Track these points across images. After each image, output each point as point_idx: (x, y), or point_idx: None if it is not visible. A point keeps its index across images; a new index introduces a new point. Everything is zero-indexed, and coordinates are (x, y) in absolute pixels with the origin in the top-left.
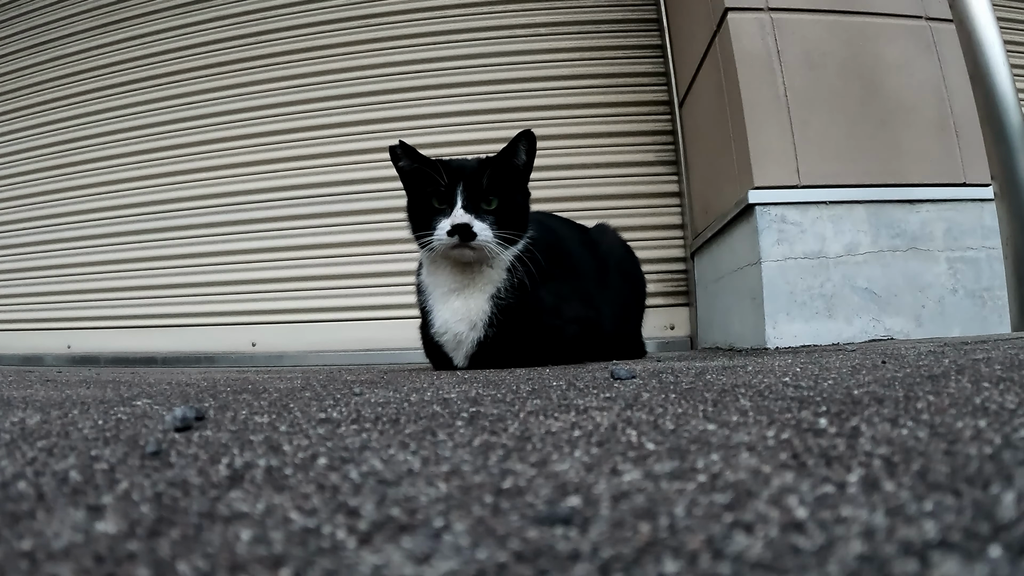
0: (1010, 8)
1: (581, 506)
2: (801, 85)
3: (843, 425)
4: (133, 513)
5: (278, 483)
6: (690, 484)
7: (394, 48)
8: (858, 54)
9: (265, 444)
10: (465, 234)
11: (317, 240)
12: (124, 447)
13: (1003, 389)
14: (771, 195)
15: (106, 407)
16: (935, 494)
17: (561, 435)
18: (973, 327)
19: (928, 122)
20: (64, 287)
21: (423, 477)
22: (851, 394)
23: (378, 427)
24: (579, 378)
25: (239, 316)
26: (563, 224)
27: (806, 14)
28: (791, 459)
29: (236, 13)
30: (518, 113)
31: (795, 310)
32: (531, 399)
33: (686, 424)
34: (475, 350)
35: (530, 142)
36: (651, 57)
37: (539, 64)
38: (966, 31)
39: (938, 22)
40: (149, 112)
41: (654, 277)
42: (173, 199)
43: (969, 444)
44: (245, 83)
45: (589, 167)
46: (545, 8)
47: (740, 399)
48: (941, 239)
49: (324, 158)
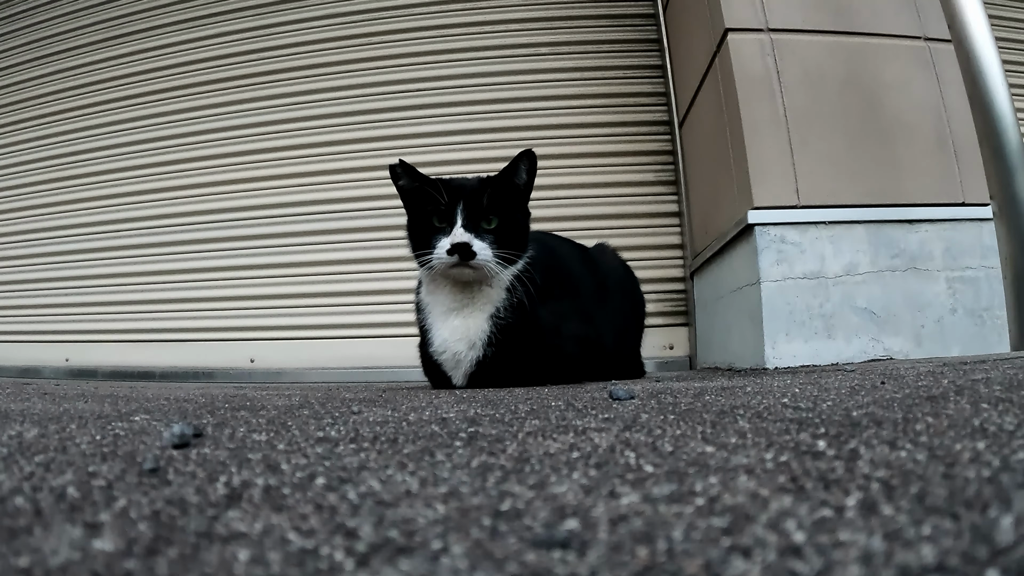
0: (1008, 28)
1: (579, 529)
2: (801, 105)
3: (842, 447)
4: (131, 531)
5: (276, 503)
6: (688, 507)
7: (395, 66)
8: (857, 74)
9: (263, 463)
10: (465, 253)
11: (317, 257)
12: (122, 463)
13: (1002, 410)
14: (770, 215)
15: (104, 422)
16: (933, 518)
17: (559, 456)
18: (973, 347)
19: (927, 142)
20: (63, 300)
21: (421, 498)
22: (850, 415)
23: (376, 447)
24: (578, 398)
25: (238, 332)
26: (563, 243)
27: (806, 35)
28: (789, 482)
29: (238, 30)
30: (519, 132)
31: (794, 330)
32: (530, 419)
33: (685, 446)
34: (474, 369)
35: (531, 161)
36: (651, 77)
37: (540, 84)
38: (965, 51)
39: (937, 42)
40: (152, 127)
41: (653, 297)
42: (173, 214)
43: (968, 467)
44: (248, 99)
45: (589, 187)
46: (546, 28)
47: (739, 420)
48: (940, 258)
49: (325, 175)
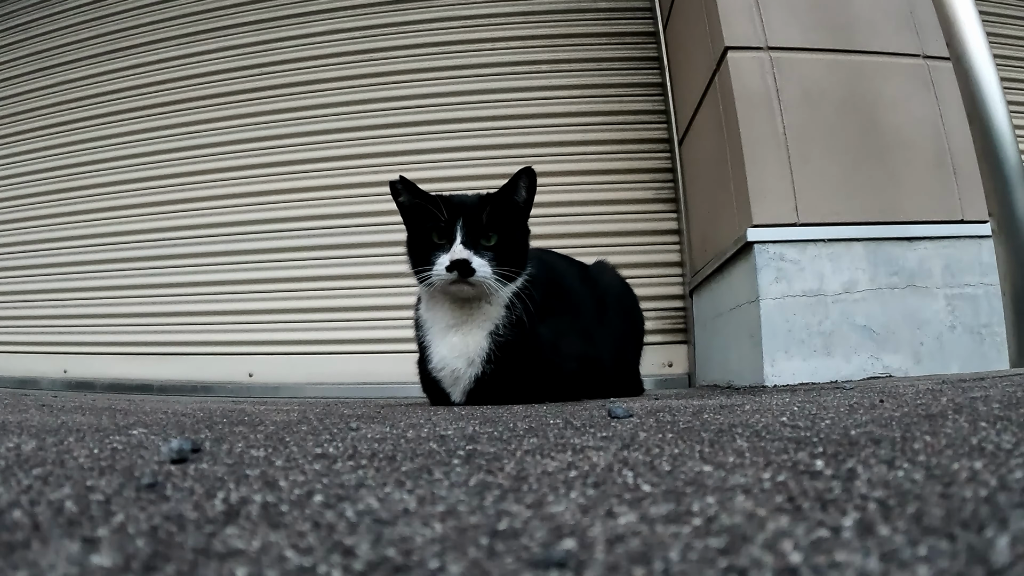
0: (1007, 46)
1: (576, 549)
2: (800, 123)
3: (839, 467)
4: (129, 547)
5: (274, 520)
6: (685, 528)
7: (396, 83)
8: (857, 92)
9: (261, 479)
10: (464, 270)
11: (316, 272)
12: (120, 478)
13: (1000, 428)
14: (770, 233)
15: (102, 435)
16: (929, 538)
17: (557, 475)
18: (972, 364)
19: (926, 159)
20: (62, 311)
21: (419, 517)
22: (848, 434)
23: (374, 464)
24: (576, 416)
25: (237, 346)
26: (562, 261)
27: (805, 53)
28: (787, 502)
29: (238, 44)
30: (519, 149)
31: (793, 348)
32: (528, 437)
33: (682, 465)
34: (473, 386)
35: (530, 179)
36: (651, 95)
37: (540, 101)
38: (963, 68)
39: (936, 60)
40: (153, 140)
41: (653, 314)
42: (174, 227)
43: (965, 486)
44: (249, 113)
45: (589, 204)
46: (547, 45)
47: (737, 439)
48: (939, 276)
49: (325, 190)
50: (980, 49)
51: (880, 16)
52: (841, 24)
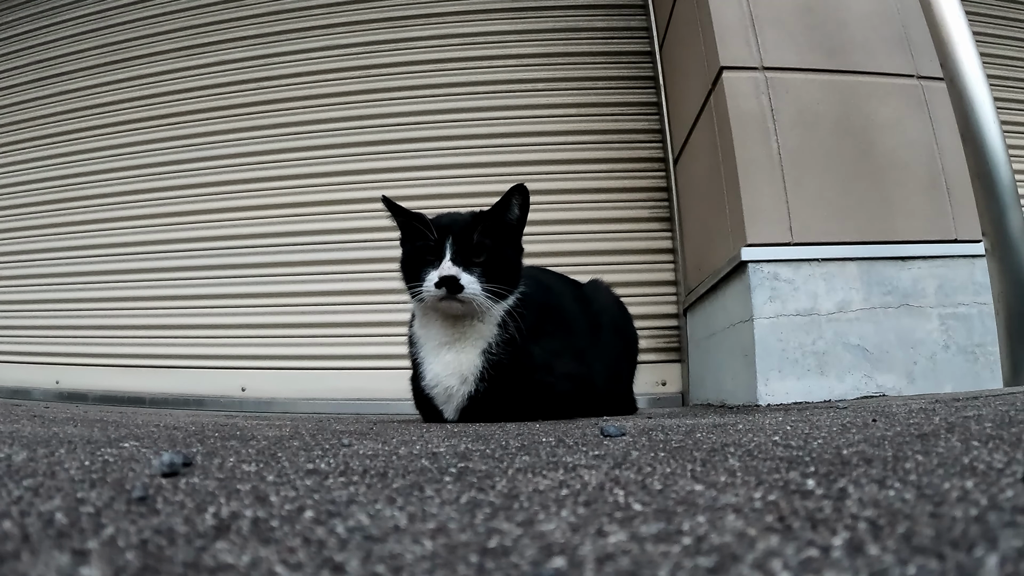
0: (1000, 66)
1: (566, 568)
2: (795, 143)
3: (830, 486)
4: (118, 560)
5: (264, 535)
6: (675, 547)
7: (391, 100)
8: (851, 112)
9: (252, 494)
10: (452, 286)
11: (310, 287)
12: (110, 490)
13: (992, 448)
14: (764, 252)
15: (93, 447)
16: (919, 558)
17: (549, 494)
18: (965, 383)
19: (920, 179)
20: (55, 322)
21: (409, 534)
22: (840, 454)
23: (366, 480)
24: (569, 434)
25: (230, 360)
26: (556, 279)
27: (800, 73)
28: (777, 521)
29: (237, 59)
30: (513, 167)
31: (787, 367)
32: (520, 455)
33: (674, 484)
34: (466, 404)
35: (523, 196)
36: (647, 114)
37: (536, 119)
38: (957, 89)
39: (930, 80)
40: (148, 152)
41: (646, 333)
42: (168, 240)
43: (955, 506)
44: (246, 128)
45: (583, 222)
46: (543, 64)
47: (729, 459)
48: (933, 295)
49: (320, 206)
50: (974, 69)
51: (875, 37)
52: (836, 45)
